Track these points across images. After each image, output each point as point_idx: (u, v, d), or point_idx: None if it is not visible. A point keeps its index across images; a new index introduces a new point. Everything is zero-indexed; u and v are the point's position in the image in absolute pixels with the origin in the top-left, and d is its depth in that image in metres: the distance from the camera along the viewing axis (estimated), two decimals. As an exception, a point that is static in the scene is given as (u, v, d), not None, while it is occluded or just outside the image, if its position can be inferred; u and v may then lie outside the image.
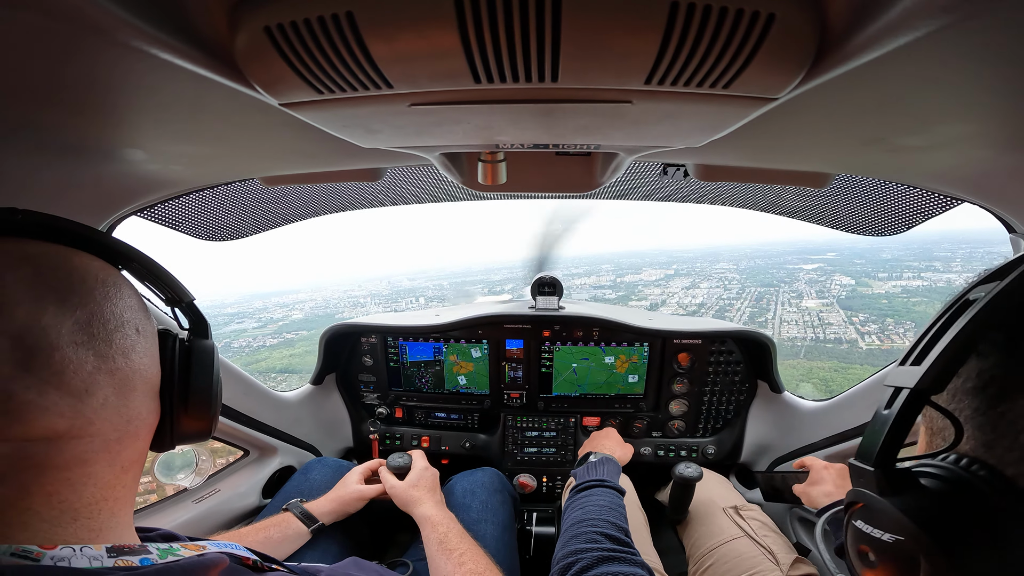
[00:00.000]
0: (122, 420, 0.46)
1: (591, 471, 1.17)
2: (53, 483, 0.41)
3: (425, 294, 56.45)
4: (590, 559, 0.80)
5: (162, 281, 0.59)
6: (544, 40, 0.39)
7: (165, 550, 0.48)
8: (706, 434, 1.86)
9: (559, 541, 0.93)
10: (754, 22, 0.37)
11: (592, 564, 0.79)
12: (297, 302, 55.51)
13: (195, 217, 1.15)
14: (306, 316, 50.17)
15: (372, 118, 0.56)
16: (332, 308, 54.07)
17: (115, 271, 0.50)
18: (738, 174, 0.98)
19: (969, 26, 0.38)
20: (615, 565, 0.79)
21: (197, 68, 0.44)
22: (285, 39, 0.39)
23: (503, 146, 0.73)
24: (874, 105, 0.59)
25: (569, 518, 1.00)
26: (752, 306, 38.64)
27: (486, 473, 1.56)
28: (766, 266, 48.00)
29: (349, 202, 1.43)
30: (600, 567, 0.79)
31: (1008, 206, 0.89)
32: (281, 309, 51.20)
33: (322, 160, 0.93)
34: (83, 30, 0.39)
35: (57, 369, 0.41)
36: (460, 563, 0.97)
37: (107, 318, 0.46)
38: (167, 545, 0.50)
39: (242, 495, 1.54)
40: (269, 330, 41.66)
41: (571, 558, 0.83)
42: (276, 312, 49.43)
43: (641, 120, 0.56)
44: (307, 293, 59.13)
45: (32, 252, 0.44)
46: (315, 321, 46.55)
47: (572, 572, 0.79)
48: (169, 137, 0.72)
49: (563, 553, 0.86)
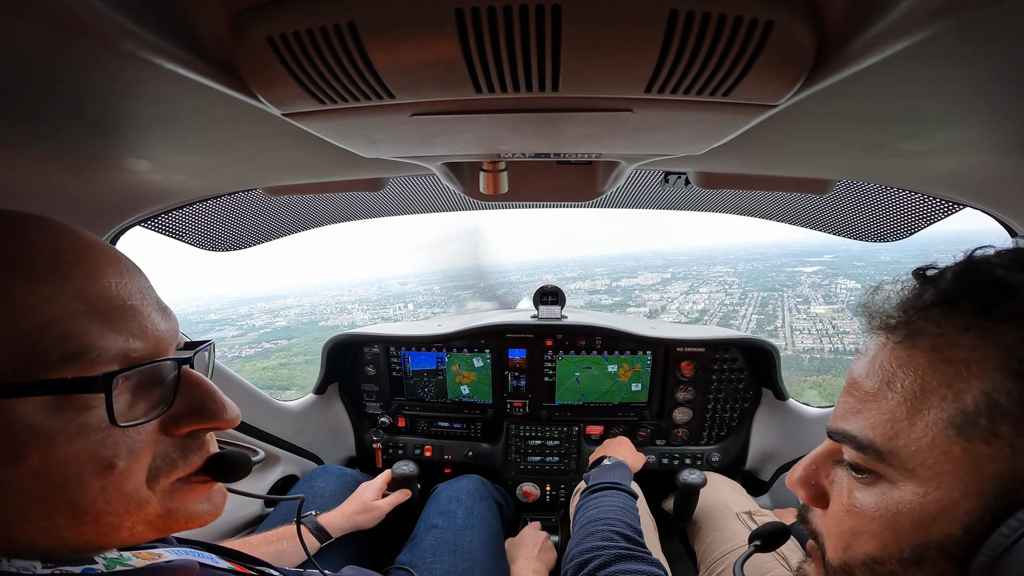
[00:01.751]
0: None
1: (605, 474, 1.18)
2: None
3: (415, 299, 55.61)
4: (608, 556, 0.81)
5: None
6: (544, 49, 0.39)
7: (113, 560, 0.46)
8: (711, 442, 1.84)
9: (573, 538, 0.94)
10: (753, 29, 0.37)
11: (610, 561, 0.80)
12: (283, 308, 54.41)
13: (198, 227, 1.16)
14: (289, 323, 48.95)
15: (374, 128, 0.56)
16: (318, 315, 53.02)
17: None
18: (739, 181, 0.98)
19: (966, 31, 0.38)
20: (633, 563, 0.79)
21: (200, 78, 0.45)
22: (288, 49, 0.39)
23: (505, 155, 0.73)
24: (874, 111, 0.59)
25: (584, 516, 1.00)
26: (758, 312, 36.87)
27: (471, 480, 1.56)
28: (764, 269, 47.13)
29: (352, 212, 1.44)
30: (618, 564, 0.79)
31: (1010, 211, 0.89)
32: (266, 316, 50.02)
33: (324, 170, 0.93)
34: (86, 39, 0.39)
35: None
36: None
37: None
38: (116, 554, 0.47)
39: (245, 503, 1.53)
40: (248, 339, 39.96)
41: (588, 554, 0.83)
42: (260, 319, 48.13)
43: (641, 128, 0.56)
44: (295, 299, 58.10)
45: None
46: (297, 329, 45.29)
47: (590, 568, 0.80)
48: (173, 147, 0.73)
49: (579, 549, 0.86)
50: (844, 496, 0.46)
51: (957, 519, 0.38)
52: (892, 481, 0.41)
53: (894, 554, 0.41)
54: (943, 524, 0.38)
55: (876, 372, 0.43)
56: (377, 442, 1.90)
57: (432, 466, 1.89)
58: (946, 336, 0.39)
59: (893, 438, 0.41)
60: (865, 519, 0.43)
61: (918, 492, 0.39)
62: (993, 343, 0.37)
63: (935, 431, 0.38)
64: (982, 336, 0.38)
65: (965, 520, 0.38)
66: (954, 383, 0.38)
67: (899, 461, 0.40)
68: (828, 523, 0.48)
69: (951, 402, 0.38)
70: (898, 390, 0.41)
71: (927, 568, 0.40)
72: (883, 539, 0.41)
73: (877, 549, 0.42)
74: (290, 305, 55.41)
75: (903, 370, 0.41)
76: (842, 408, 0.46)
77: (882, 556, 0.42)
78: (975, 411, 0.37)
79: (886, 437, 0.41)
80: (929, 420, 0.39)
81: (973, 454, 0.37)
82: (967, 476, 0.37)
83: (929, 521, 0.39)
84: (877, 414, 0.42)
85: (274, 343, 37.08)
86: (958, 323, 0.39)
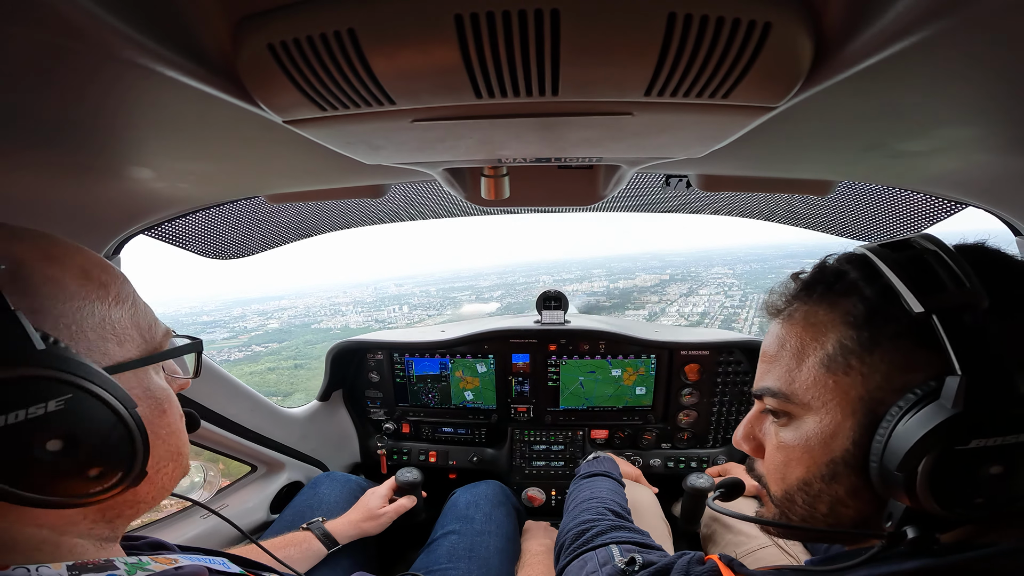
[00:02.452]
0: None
1: (595, 465, 1.33)
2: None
3: (410, 301, 54.78)
4: (604, 525, 0.92)
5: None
6: (544, 54, 0.39)
7: (134, 565, 0.47)
8: (716, 444, 1.83)
9: (568, 515, 1.05)
10: (751, 31, 0.37)
11: (606, 529, 0.91)
12: (277, 310, 53.40)
13: (201, 235, 1.17)
14: (282, 325, 47.77)
15: (375, 134, 0.56)
16: (311, 317, 52.13)
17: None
18: (740, 184, 0.98)
19: (964, 31, 0.38)
20: (625, 532, 0.90)
21: (202, 85, 0.45)
22: (288, 56, 0.40)
23: (506, 160, 0.74)
24: (873, 111, 0.59)
25: (578, 496, 1.13)
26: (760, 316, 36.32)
27: (489, 486, 1.56)
28: (763, 271, 46.33)
29: (354, 219, 1.44)
30: (613, 532, 0.90)
31: (1013, 209, 0.88)
32: (259, 317, 49.00)
33: (326, 177, 0.94)
34: (87, 47, 0.39)
35: None
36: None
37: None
38: (136, 559, 0.49)
39: (250, 510, 1.53)
40: (239, 341, 39.00)
41: (586, 524, 0.94)
42: (252, 321, 47.14)
43: (642, 131, 0.56)
44: (290, 300, 57.21)
45: None
46: (289, 332, 44.25)
47: (590, 534, 0.90)
48: (175, 155, 0.73)
49: (576, 522, 0.97)
50: (773, 439, 0.60)
51: (847, 436, 0.51)
52: (799, 417, 0.55)
53: (816, 474, 0.54)
54: (839, 442, 0.51)
55: (774, 342, 0.59)
56: (382, 448, 1.89)
57: (437, 472, 1.89)
58: (809, 308, 0.56)
59: (791, 383, 0.55)
60: (790, 450, 0.56)
61: (815, 420, 0.53)
62: (836, 308, 0.53)
63: (815, 372, 0.53)
64: (830, 305, 0.54)
65: (852, 436, 0.50)
66: (818, 336, 0.54)
67: (798, 399, 0.54)
68: (767, 465, 0.61)
69: (819, 350, 0.53)
70: (788, 349, 0.56)
71: (843, 481, 0.52)
72: (805, 463, 0.54)
73: (803, 472, 0.55)
74: (284, 307, 54.51)
75: (788, 335, 0.57)
76: (759, 373, 0.62)
77: (808, 478, 0.54)
78: (834, 352, 0.52)
79: (786, 383, 0.56)
80: (809, 365, 0.54)
81: (841, 383, 0.51)
82: (842, 401, 0.51)
83: (830, 440, 0.52)
84: (779, 369, 0.57)
85: (264, 346, 36.11)
86: (814, 299, 0.56)
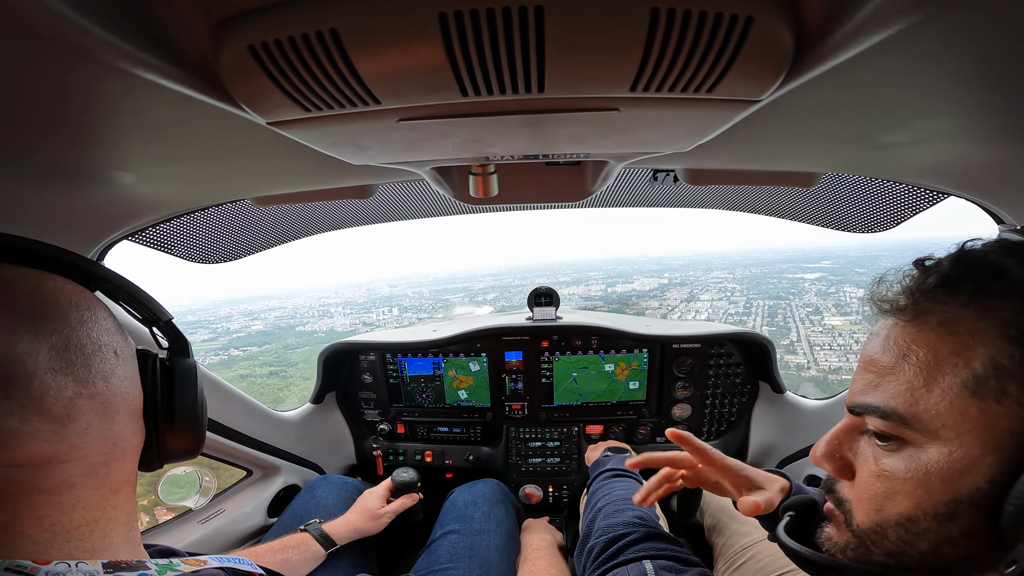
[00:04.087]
0: (107, 443, 0.46)
1: (620, 463, 1.27)
2: (43, 507, 0.41)
3: (401, 303, 53.75)
4: (640, 534, 0.88)
5: (138, 301, 0.58)
6: (529, 50, 0.39)
7: (164, 566, 0.48)
8: (711, 437, 1.85)
9: (603, 512, 1.01)
10: (733, 25, 0.37)
11: (642, 538, 0.87)
12: (264, 310, 51.63)
13: (187, 240, 1.15)
14: (266, 327, 46.07)
15: (361, 135, 0.56)
16: (298, 318, 50.78)
17: (89, 294, 0.50)
18: (727, 177, 0.98)
19: (941, 23, 0.39)
20: (661, 542, 0.85)
21: (182, 88, 0.44)
22: (270, 57, 0.39)
23: (493, 158, 0.73)
24: (854, 103, 0.60)
25: (610, 495, 1.08)
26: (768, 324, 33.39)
27: (487, 484, 1.56)
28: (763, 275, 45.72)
29: (342, 220, 1.43)
30: (648, 542, 0.86)
31: (994, 198, 0.90)
32: (244, 318, 47.05)
33: (312, 178, 0.93)
34: (63, 51, 0.38)
35: (36, 396, 0.40)
36: None
37: (84, 343, 0.45)
38: (166, 561, 0.49)
39: (248, 515, 1.52)
40: (219, 343, 37.41)
41: (622, 529, 0.91)
42: (237, 322, 45.33)
43: (628, 127, 0.56)
44: (279, 300, 55.97)
45: (3, 276, 0.43)
46: (272, 335, 42.89)
47: (624, 542, 0.87)
48: (157, 158, 0.72)
49: (609, 523, 0.94)
50: (871, 464, 0.50)
51: (982, 473, 0.42)
52: (918, 444, 0.45)
53: (928, 511, 0.45)
54: (970, 479, 0.42)
55: (891, 348, 0.48)
56: (377, 449, 1.89)
57: (433, 472, 1.88)
58: (950, 312, 0.45)
59: (914, 404, 0.45)
60: (897, 481, 0.47)
61: (943, 452, 0.44)
62: (991, 315, 0.42)
63: (952, 395, 0.43)
64: (981, 310, 0.43)
65: (989, 473, 0.42)
66: (962, 351, 0.43)
67: (922, 425, 0.44)
68: (858, 491, 0.52)
69: (962, 368, 0.42)
70: (913, 362, 0.45)
71: (961, 521, 0.44)
72: (916, 498, 0.45)
73: (911, 508, 0.46)
74: (272, 307, 53.26)
75: (916, 344, 0.46)
76: (860, 384, 0.51)
77: (916, 514, 0.46)
78: (984, 374, 0.41)
79: (908, 404, 0.45)
80: (945, 385, 0.43)
81: (988, 412, 0.41)
82: (985, 433, 0.42)
83: (957, 477, 0.43)
84: (896, 385, 0.46)
85: (243, 350, 34.60)
86: (959, 301, 0.44)
